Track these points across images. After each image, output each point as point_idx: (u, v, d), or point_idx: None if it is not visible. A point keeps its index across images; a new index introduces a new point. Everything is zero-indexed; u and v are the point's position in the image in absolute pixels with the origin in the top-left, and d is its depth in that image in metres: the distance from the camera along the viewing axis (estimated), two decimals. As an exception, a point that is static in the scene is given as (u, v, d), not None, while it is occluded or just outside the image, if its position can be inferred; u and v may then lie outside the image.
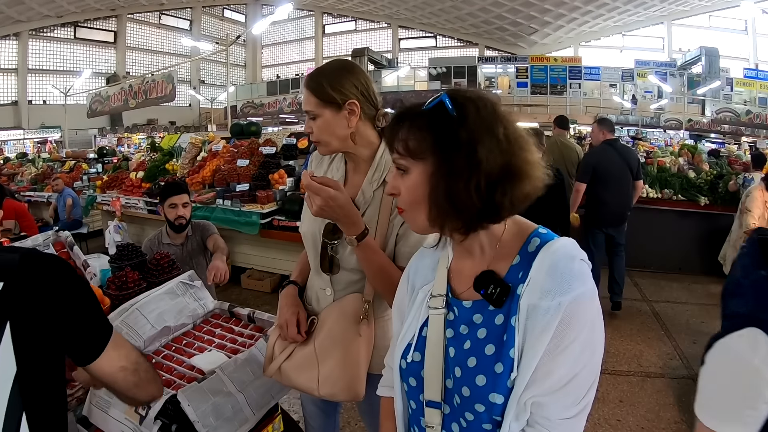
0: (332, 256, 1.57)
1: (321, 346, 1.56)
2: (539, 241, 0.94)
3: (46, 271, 0.97)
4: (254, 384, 1.76)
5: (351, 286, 1.57)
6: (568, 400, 0.86)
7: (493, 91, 24.53)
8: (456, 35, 31.75)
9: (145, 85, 12.84)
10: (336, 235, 1.53)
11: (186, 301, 2.20)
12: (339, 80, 1.46)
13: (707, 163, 7.76)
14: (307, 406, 1.93)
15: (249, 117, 22.78)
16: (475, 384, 0.90)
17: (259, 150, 6.26)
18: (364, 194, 1.54)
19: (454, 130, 0.90)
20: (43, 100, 25.39)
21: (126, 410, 1.58)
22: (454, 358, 0.96)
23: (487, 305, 0.94)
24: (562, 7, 26.26)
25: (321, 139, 1.51)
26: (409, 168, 0.96)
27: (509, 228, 0.99)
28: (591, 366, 0.86)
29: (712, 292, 5.69)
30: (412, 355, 1.04)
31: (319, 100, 1.46)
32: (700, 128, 21.21)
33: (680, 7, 27.19)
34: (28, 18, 24.20)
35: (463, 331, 0.97)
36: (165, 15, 31.59)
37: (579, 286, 0.85)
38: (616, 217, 4.96)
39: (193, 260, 3.43)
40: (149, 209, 6.29)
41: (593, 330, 0.86)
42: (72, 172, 9.81)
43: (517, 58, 27.68)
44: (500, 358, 0.88)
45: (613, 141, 5.11)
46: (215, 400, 1.62)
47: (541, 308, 0.85)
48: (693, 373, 3.87)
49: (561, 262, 0.88)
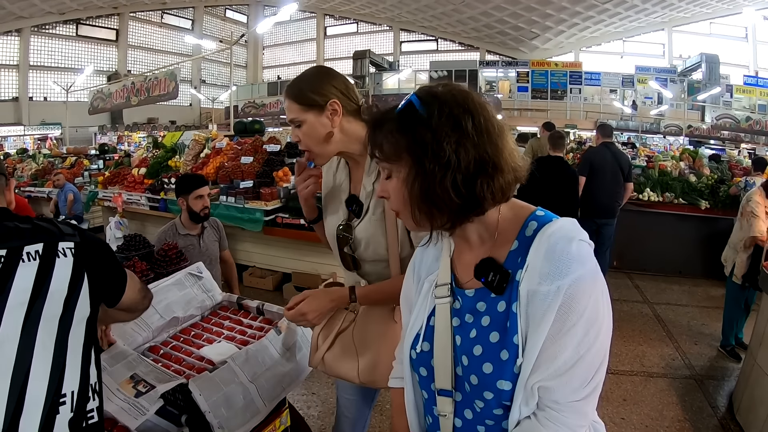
0: (352, 256, 1.63)
1: (360, 334, 1.62)
2: (536, 225, 0.93)
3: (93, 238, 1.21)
4: (265, 375, 1.76)
5: (380, 275, 1.61)
6: (575, 383, 0.85)
7: (494, 95, 24.58)
8: (457, 39, 31.74)
9: (148, 83, 12.85)
10: (348, 235, 1.61)
11: (194, 293, 2.20)
12: (318, 84, 1.51)
13: (708, 167, 7.78)
14: (342, 396, 1.94)
15: (250, 117, 22.74)
16: (483, 372, 0.91)
17: (263, 147, 6.26)
18: (365, 188, 1.59)
19: (420, 131, 0.89)
20: (44, 96, 25.23)
21: (121, 383, 1.57)
22: (460, 346, 0.97)
23: (489, 293, 0.95)
24: (563, 13, 26.27)
25: (309, 146, 1.54)
26: (390, 171, 0.96)
27: (504, 214, 0.98)
28: (597, 347, 0.85)
29: (713, 295, 5.70)
30: (422, 345, 1.04)
31: (301, 105, 1.50)
32: (699, 134, 21.25)
33: (681, 14, 27.21)
34: (30, 14, 24.09)
35: (468, 320, 0.97)
36: (167, 14, 31.50)
37: (578, 267, 0.84)
38: (607, 209, 5.46)
39: (210, 255, 3.56)
40: (151, 205, 6.27)
41: (597, 311, 0.85)
42: (73, 168, 9.79)
43: (518, 63, 27.73)
44: (505, 345, 0.89)
45: (609, 144, 5.72)
46: (227, 390, 1.62)
47: (541, 293, 0.85)
48: (695, 373, 3.88)
49: (558, 244, 0.86)
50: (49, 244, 1.08)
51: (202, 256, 3.41)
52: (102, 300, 1.21)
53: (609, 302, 0.88)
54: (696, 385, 3.72)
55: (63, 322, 1.05)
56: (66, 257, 1.10)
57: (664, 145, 19.26)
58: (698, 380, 3.78)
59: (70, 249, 1.11)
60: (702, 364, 4.05)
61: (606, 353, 0.88)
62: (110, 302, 1.28)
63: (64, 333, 1.05)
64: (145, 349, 1.88)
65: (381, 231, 1.54)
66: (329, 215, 1.74)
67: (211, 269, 3.15)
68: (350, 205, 1.62)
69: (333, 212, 1.72)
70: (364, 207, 1.58)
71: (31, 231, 1.09)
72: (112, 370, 1.62)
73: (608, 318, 0.88)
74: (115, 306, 1.30)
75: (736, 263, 4.04)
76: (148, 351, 1.88)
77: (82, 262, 1.12)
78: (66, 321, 1.06)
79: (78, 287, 1.10)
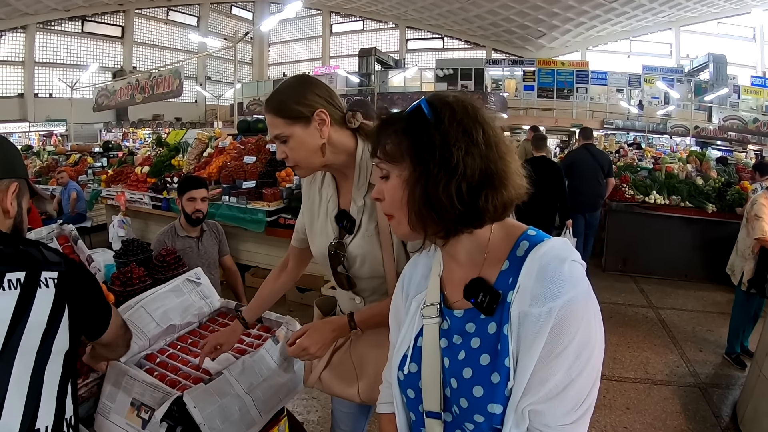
0: (346, 275, 1.57)
1: (358, 352, 1.59)
2: (528, 245, 0.91)
3: (79, 269, 1.21)
4: (262, 386, 1.73)
5: (376, 290, 1.57)
6: (567, 406, 0.83)
7: (500, 94, 24.53)
8: (464, 37, 31.65)
9: (152, 80, 12.87)
10: (341, 253, 1.54)
11: (192, 299, 2.17)
12: (301, 94, 1.43)
13: (715, 170, 7.72)
14: (338, 410, 1.88)
15: (255, 114, 22.74)
16: (473, 395, 0.88)
17: (266, 147, 6.22)
18: (355, 203, 1.52)
19: (428, 134, 0.88)
20: (49, 93, 25.31)
21: (127, 415, 1.56)
22: (449, 368, 0.95)
23: (478, 314, 0.92)
24: (570, 11, 26.15)
25: (298, 161, 1.46)
26: (389, 172, 0.95)
27: (496, 232, 0.96)
28: (589, 370, 0.83)
29: (718, 301, 5.65)
30: (409, 366, 1.02)
31: (286, 119, 1.41)
32: (706, 135, 21.10)
33: (688, 14, 27.04)
34: (36, 11, 24.15)
35: (456, 341, 0.95)
36: (173, 11, 31.55)
37: (569, 289, 0.82)
38: (591, 204, 6.12)
39: (208, 258, 3.53)
40: (154, 204, 6.25)
41: (589, 333, 0.83)
42: (77, 165, 9.80)
43: (524, 62, 27.69)
44: (496, 368, 0.86)
45: (589, 145, 6.38)
46: (222, 402, 1.60)
47: (532, 315, 0.83)
48: (699, 381, 3.84)
49: (550, 265, 0.85)
50: (31, 272, 1.07)
51: (201, 260, 3.39)
52: (82, 333, 1.20)
53: (601, 324, 0.86)
54: (700, 393, 3.67)
55: (40, 356, 1.04)
56: (48, 288, 1.08)
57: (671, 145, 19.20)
58: (702, 388, 3.74)
59: (53, 279, 1.09)
60: (706, 371, 4.01)
61: (598, 376, 0.86)
62: (91, 336, 1.29)
63: (41, 367, 1.04)
64: (141, 358, 1.86)
65: (376, 246, 1.48)
66: (316, 234, 1.64)
67: (210, 273, 3.14)
68: (340, 221, 1.54)
69: (321, 230, 1.62)
70: (357, 222, 1.51)
71: (14, 257, 1.07)
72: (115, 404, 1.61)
73: (600, 340, 0.86)
74: (95, 340, 1.30)
75: (745, 270, 3.98)
76: (145, 360, 1.86)
77: (64, 294, 1.10)
78: (43, 354, 1.04)
79: (57, 320, 1.08)
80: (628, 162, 9.51)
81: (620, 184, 6.78)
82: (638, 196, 6.60)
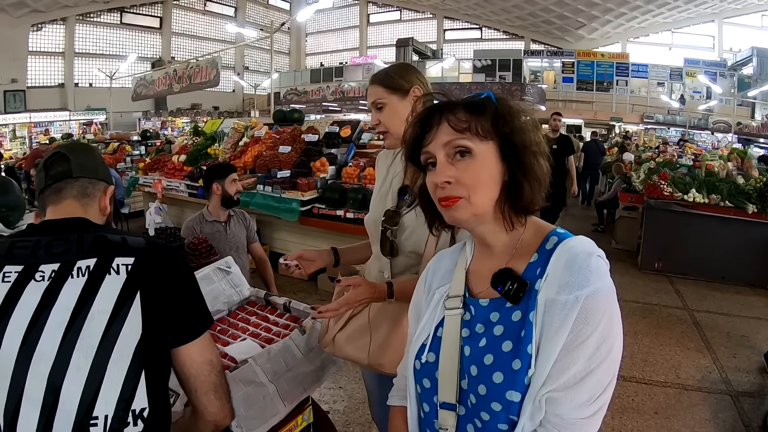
0: (392, 241, 1.65)
1: (374, 318, 1.66)
2: (557, 239, 0.96)
3: (166, 256, 1.17)
4: (286, 376, 1.75)
5: (408, 270, 1.65)
6: (583, 397, 0.84)
7: (539, 86, 24.16)
8: (502, 27, 31.20)
9: (190, 70, 13.05)
10: (395, 220, 1.63)
11: (222, 288, 2.21)
12: (404, 72, 1.69)
13: (757, 169, 7.47)
14: (368, 380, 2.00)
15: (292, 104, 22.92)
16: (492, 381, 0.89)
17: (301, 137, 6.29)
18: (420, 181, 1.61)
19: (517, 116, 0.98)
20: (89, 83, 25.95)
21: None
22: (469, 356, 0.96)
23: (504, 303, 0.95)
24: (610, 1, 25.47)
25: (389, 127, 1.67)
26: (473, 149, 0.96)
27: (528, 228, 1.01)
28: (608, 364, 0.85)
29: (756, 305, 5.47)
30: (427, 356, 1.04)
31: (386, 88, 1.66)
32: (749, 132, 20.37)
33: (732, 5, 25.99)
34: (75, 3, 24.70)
35: (478, 330, 0.97)
36: (210, 2, 31.97)
37: (596, 280, 0.85)
38: (594, 166, 11.65)
39: (236, 243, 3.61)
40: (190, 192, 6.40)
41: (611, 326, 0.85)
42: (116, 153, 10.06)
43: (563, 53, 27.25)
44: (518, 355, 0.88)
45: (596, 139, 13.15)
46: (247, 390, 1.62)
47: (559, 302, 0.85)
48: (731, 388, 3.73)
49: (579, 257, 0.88)
50: (103, 258, 1.08)
51: (229, 243, 3.46)
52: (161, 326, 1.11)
53: (620, 322, 0.88)
54: (731, 401, 3.57)
55: (103, 344, 1.02)
56: (118, 274, 1.07)
57: (712, 142, 18.66)
58: (734, 396, 3.63)
59: (126, 265, 1.09)
60: (739, 379, 3.88)
61: (615, 374, 0.87)
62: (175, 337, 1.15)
63: (103, 355, 1.02)
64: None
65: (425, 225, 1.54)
66: (376, 201, 1.79)
67: (239, 258, 3.21)
68: (402, 194, 1.67)
69: (381, 199, 1.76)
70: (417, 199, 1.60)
71: (90, 244, 1.10)
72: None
73: (620, 338, 0.88)
74: (179, 345, 1.16)
75: None
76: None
77: (137, 280, 1.08)
78: (107, 343, 1.03)
79: (126, 307, 1.06)
80: (667, 158, 9.28)
81: (658, 181, 6.62)
82: (677, 194, 6.41)
